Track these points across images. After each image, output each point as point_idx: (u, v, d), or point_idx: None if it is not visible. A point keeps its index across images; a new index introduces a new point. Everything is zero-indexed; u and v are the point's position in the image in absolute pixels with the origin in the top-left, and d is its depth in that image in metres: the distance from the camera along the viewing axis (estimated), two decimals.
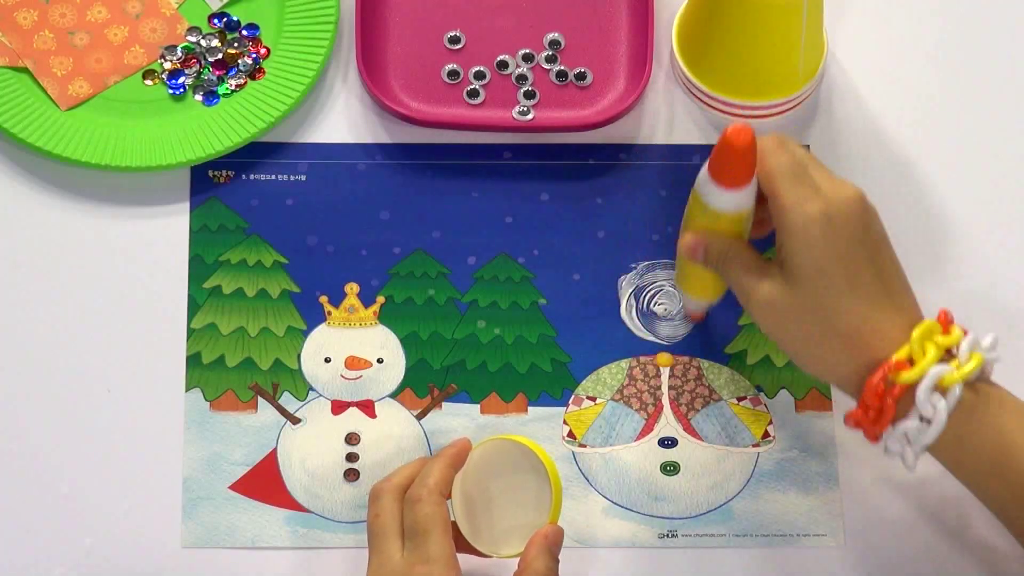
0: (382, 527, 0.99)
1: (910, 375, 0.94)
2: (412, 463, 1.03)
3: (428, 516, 0.97)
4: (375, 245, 1.14)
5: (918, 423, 0.95)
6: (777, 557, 1.06)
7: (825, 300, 0.96)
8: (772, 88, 1.16)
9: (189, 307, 1.12)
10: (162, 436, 1.08)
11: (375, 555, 0.98)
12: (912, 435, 0.96)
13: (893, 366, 0.95)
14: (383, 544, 0.98)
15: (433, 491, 0.99)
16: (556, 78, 1.18)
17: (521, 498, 1.00)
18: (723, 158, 0.96)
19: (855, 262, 0.96)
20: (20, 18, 1.18)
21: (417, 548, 0.97)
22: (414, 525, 0.98)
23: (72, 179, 1.14)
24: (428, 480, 0.99)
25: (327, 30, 1.17)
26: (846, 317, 0.96)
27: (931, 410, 0.95)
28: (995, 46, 1.21)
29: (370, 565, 0.98)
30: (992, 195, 1.17)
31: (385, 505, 1.00)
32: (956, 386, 0.94)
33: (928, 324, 0.96)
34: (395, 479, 1.01)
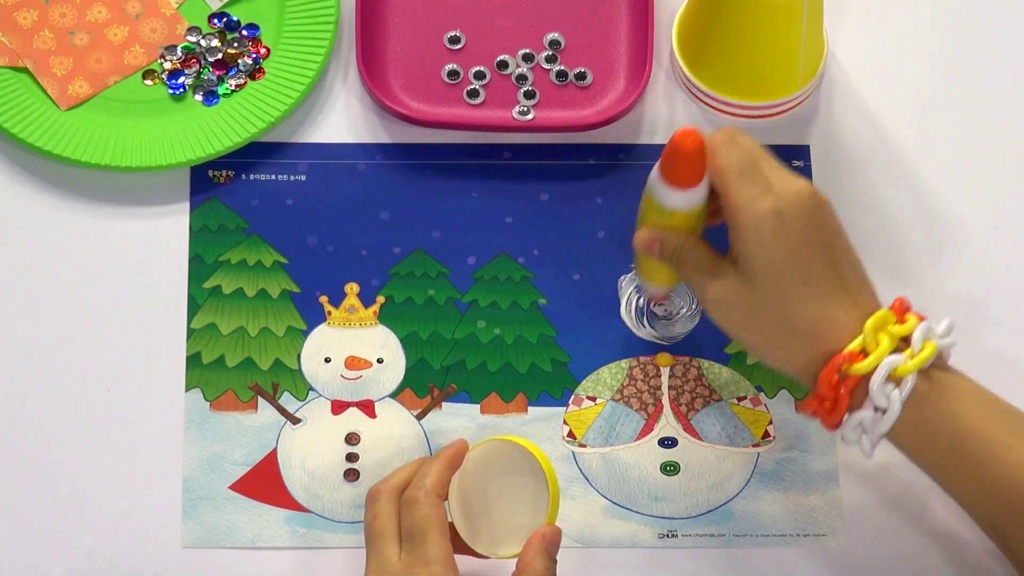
0: (380, 529, 0.99)
1: (863, 366, 0.95)
2: (409, 464, 1.03)
3: (426, 517, 0.97)
4: (375, 245, 1.14)
5: (873, 413, 0.96)
6: (777, 557, 1.06)
7: (779, 296, 0.97)
8: (772, 88, 1.16)
9: (189, 307, 1.12)
10: (162, 436, 1.08)
11: (373, 556, 0.98)
12: (867, 425, 0.97)
13: (846, 357, 0.96)
14: (381, 546, 0.98)
15: (430, 492, 0.99)
16: (556, 78, 1.18)
17: (519, 499, 1.00)
18: (672, 161, 0.97)
19: (807, 257, 0.97)
20: (20, 18, 1.18)
21: (415, 549, 0.97)
22: (412, 527, 0.98)
23: (72, 179, 1.14)
24: (425, 481, 0.99)
25: (327, 30, 1.17)
26: (800, 311, 0.97)
27: (885, 400, 0.96)
28: (995, 46, 1.21)
29: (368, 566, 0.98)
30: (992, 195, 1.17)
31: (383, 507, 0.99)
32: (910, 376, 0.96)
33: (882, 314, 0.97)
34: (392, 480, 1.01)
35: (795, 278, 0.97)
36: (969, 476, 0.97)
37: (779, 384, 1.11)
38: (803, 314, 0.97)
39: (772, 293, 0.97)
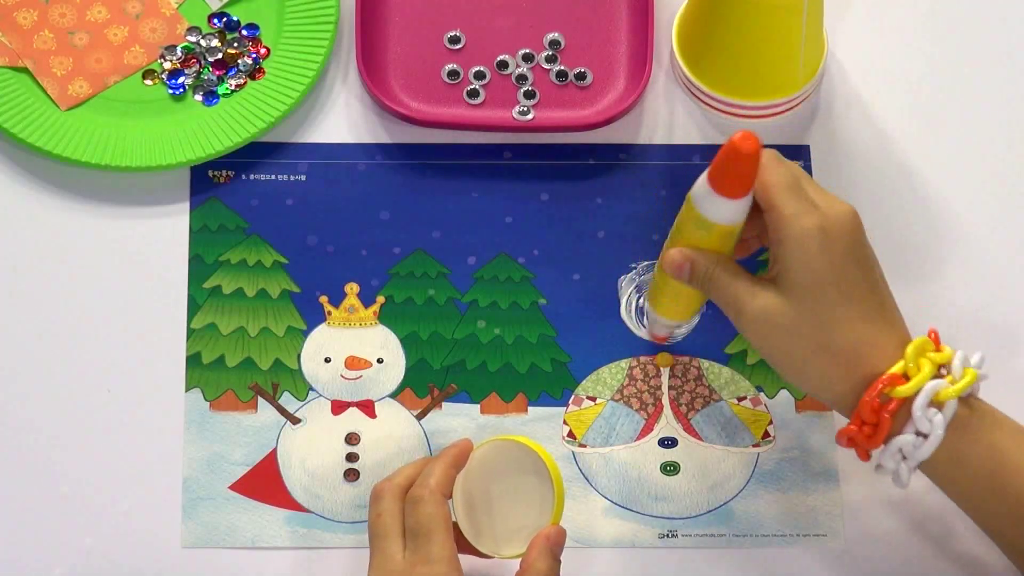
0: (384, 527, 0.99)
1: (906, 388, 0.94)
2: (413, 463, 1.03)
3: (430, 516, 0.97)
4: (375, 245, 1.14)
5: (914, 438, 0.95)
6: (777, 557, 1.06)
7: (821, 313, 0.95)
8: (772, 88, 1.16)
9: (189, 307, 1.12)
10: (162, 436, 1.08)
11: (377, 555, 0.98)
12: (908, 450, 0.96)
13: (889, 380, 0.95)
14: (384, 544, 0.98)
15: (435, 491, 0.98)
16: (556, 78, 1.18)
17: (523, 499, 1.00)
18: (728, 164, 0.94)
19: (851, 276, 0.96)
20: (20, 18, 1.18)
21: (419, 548, 0.97)
22: (416, 526, 0.97)
23: (72, 179, 1.14)
24: (429, 480, 0.99)
25: (327, 30, 1.17)
26: (842, 331, 0.96)
27: (928, 424, 0.94)
28: (995, 46, 1.21)
29: (371, 565, 0.98)
30: (992, 195, 1.17)
31: (386, 505, 0.99)
32: (952, 401, 0.95)
33: (922, 340, 0.96)
34: (396, 479, 1.01)
35: (838, 296, 0.96)
36: (1006, 508, 0.96)
37: (779, 384, 1.11)
38: (844, 334, 0.96)
39: (814, 310, 0.96)
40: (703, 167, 1.09)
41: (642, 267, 1.14)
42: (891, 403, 0.95)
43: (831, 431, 1.09)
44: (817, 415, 1.10)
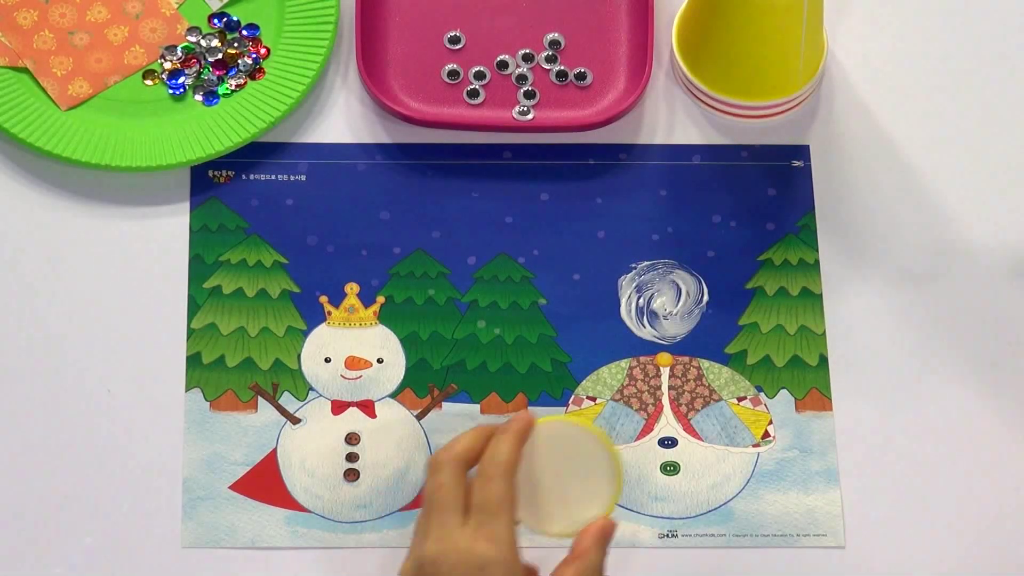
0: (444, 499, 0.95)
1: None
2: (470, 433, 0.99)
3: (501, 496, 0.95)
4: (375, 245, 1.14)
5: None
6: (777, 557, 1.06)
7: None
8: (772, 88, 1.16)
9: (189, 307, 1.12)
10: (162, 436, 1.08)
11: (435, 526, 0.95)
12: None
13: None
14: (444, 516, 0.95)
15: (508, 471, 0.96)
16: (556, 78, 1.18)
17: (577, 481, 0.99)
18: None
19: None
20: (20, 18, 1.18)
21: (483, 525, 0.94)
22: (485, 502, 0.95)
23: (72, 179, 1.14)
24: (501, 458, 0.96)
25: (327, 30, 1.17)
26: None
27: None
28: (995, 46, 1.21)
29: (428, 535, 0.95)
30: (993, 194, 1.17)
31: (448, 477, 0.96)
32: None
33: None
34: (456, 449, 0.98)
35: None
36: None
37: (779, 384, 1.11)
38: None
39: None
40: (703, 167, 1.09)
41: (642, 267, 1.14)
42: None
43: (831, 431, 1.09)
44: (817, 415, 1.10)
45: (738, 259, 1.14)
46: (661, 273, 1.13)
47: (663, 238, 1.14)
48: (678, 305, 1.13)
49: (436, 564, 0.93)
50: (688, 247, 1.14)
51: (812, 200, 1.16)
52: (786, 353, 1.12)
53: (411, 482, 1.08)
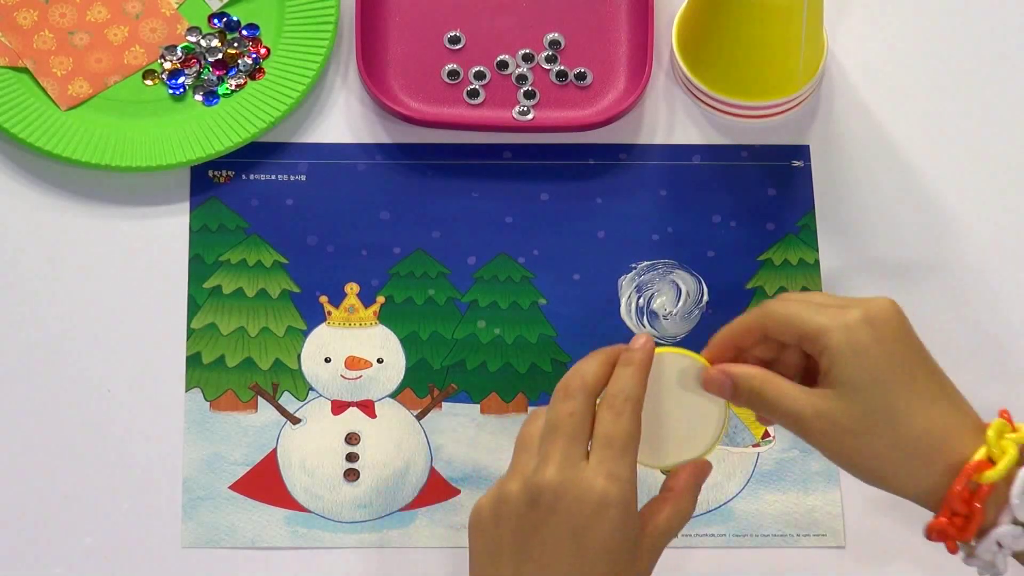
0: (575, 427, 0.91)
1: (995, 473, 0.89)
2: (595, 360, 0.94)
3: (628, 433, 0.91)
4: (375, 245, 1.14)
5: (1012, 528, 0.89)
6: (777, 557, 1.06)
7: (887, 408, 0.90)
8: (772, 88, 1.16)
9: (189, 307, 1.12)
10: (162, 436, 1.08)
11: (560, 454, 0.90)
12: (1006, 541, 0.90)
13: (976, 467, 0.89)
14: (572, 447, 0.90)
15: (636, 406, 0.92)
16: (556, 78, 1.18)
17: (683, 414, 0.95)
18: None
19: (909, 363, 0.91)
20: (20, 18, 1.18)
21: (607, 460, 0.90)
22: (612, 436, 0.90)
23: (72, 179, 1.14)
24: (632, 392, 0.92)
25: (327, 30, 1.17)
26: (912, 421, 0.90)
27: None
28: (995, 45, 1.21)
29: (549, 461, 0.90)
30: (993, 194, 1.17)
31: (580, 405, 0.92)
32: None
33: (999, 422, 0.90)
34: (587, 378, 0.93)
35: (900, 386, 0.90)
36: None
37: None
38: (915, 424, 0.90)
39: (880, 407, 0.91)
40: (703, 167, 1.09)
41: (642, 267, 1.14)
42: (981, 490, 0.89)
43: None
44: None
45: (738, 259, 1.14)
46: (661, 273, 1.13)
47: (663, 238, 1.14)
48: (678, 305, 1.13)
49: (557, 495, 0.89)
50: (688, 247, 1.14)
51: (812, 200, 1.16)
52: None
53: (411, 482, 1.08)
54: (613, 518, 0.88)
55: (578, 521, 0.88)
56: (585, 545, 0.88)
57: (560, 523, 0.89)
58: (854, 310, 0.91)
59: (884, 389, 0.90)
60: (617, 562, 0.89)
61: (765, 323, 0.94)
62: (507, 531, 0.90)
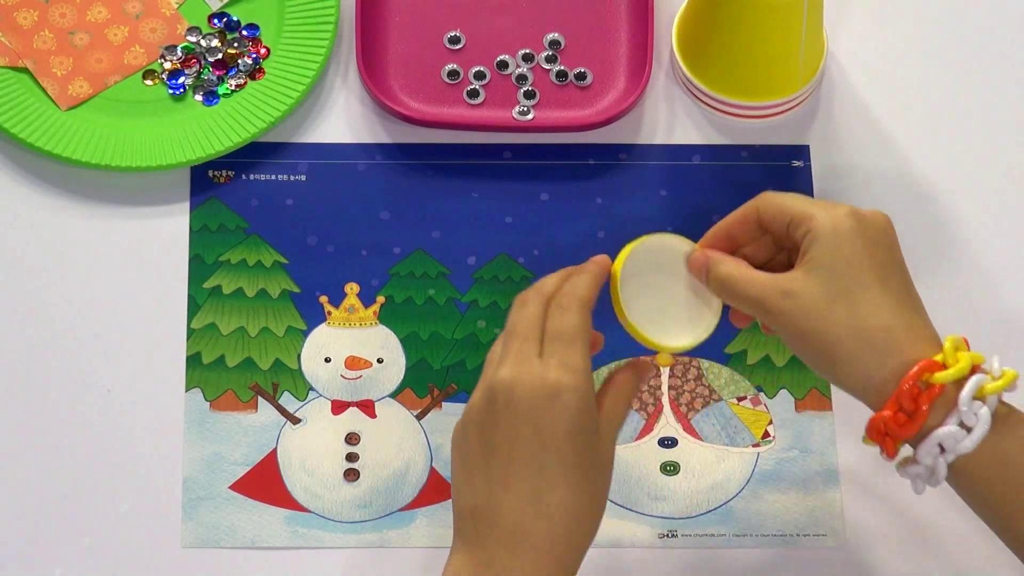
0: (527, 328, 0.94)
1: (948, 375, 0.90)
2: (555, 275, 0.98)
3: (576, 326, 0.93)
4: (375, 245, 1.14)
5: (957, 430, 0.91)
6: (777, 557, 1.06)
7: (855, 294, 0.92)
8: (772, 88, 1.16)
9: (189, 307, 1.12)
10: (162, 436, 1.08)
11: (513, 354, 0.93)
12: (948, 444, 0.91)
13: (929, 365, 0.91)
14: (524, 345, 0.93)
15: (583, 304, 0.95)
16: (556, 78, 1.18)
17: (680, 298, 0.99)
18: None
19: (886, 261, 0.94)
20: (20, 18, 1.18)
21: (558, 352, 0.93)
22: (560, 330, 0.93)
23: (72, 179, 1.14)
24: (579, 292, 0.95)
25: (327, 30, 1.17)
26: (876, 313, 0.92)
27: (973, 417, 0.90)
28: (995, 45, 1.21)
29: (504, 362, 0.93)
30: (993, 194, 1.17)
31: (532, 310, 0.95)
32: (993, 396, 0.91)
33: (955, 337, 0.92)
34: (543, 288, 0.97)
35: (872, 278, 0.93)
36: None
37: (779, 384, 1.11)
38: (879, 318, 0.92)
39: (845, 289, 0.92)
40: (703, 167, 1.09)
41: None
42: (930, 390, 0.91)
43: (831, 431, 1.09)
44: (817, 415, 1.10)
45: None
46: None
47: None
48: None
49: (510, 389, 0.92)
50: None
51: None
52: (786, 353, 1.12)
53: (411, 482, 1.08)
54: (568, 403, 0.91)
55: (535, 411, 0.91)
56: (544, 432, 0.91)
57: (518, 414, 0.91)
58: (845, 206, 0.94)
59: (854, 274, 0.93)
60: (578, 444, 0.91)
61: (758, 208, 0.97)
62: (474, 436, 0.93)
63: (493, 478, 0.91)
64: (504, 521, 0.90)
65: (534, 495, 0.90)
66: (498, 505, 0.91)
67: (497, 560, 0.90)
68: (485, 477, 0.91)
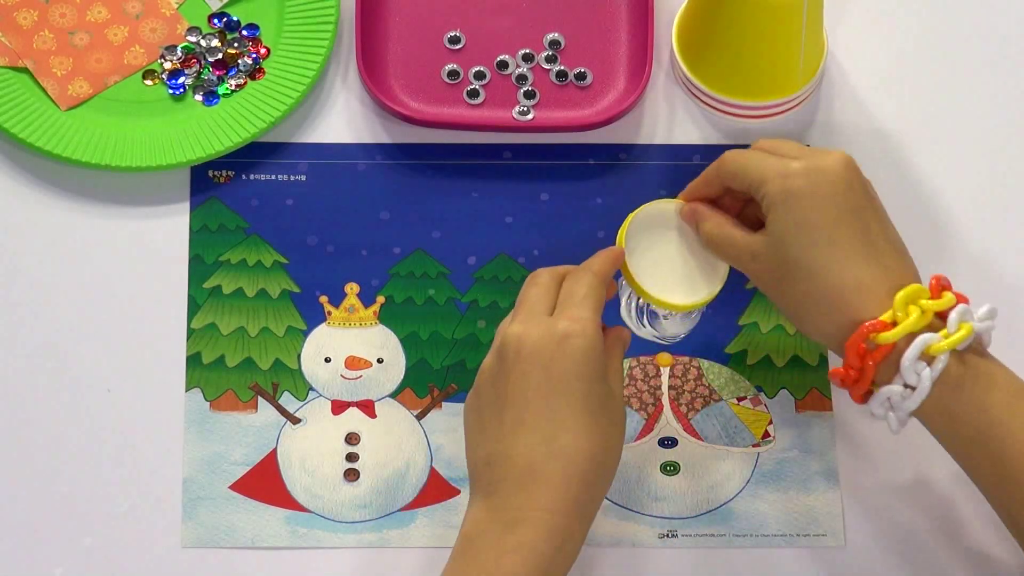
0: (538, 296, 0.99)
1: (890, 335, 0.94)
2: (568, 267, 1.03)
3: (587, 286, 0.98)
4: (375, 245, 1.14)
5: (901, 389, 0.95)
6: (777, 557, 1.06)
7: (805, 254, 0.97)
8: (772, 88, 1.16)
9: (189, 307, 1.12)
10: (162, 436, 1.08)
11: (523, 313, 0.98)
12: (895, 401, 0.96)
13: (874, 326, 0.95)
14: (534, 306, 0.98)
15: (597, 275, 0.99)
16: (556, 78, 1.18)
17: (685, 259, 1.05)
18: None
19: (839, 219, 0.97)
20: (20, 18, 1.18)
21: (567, 308, 0.97)
22: (570, 292, 0.98)
23: (72, 179, 1.14)
24: (592, 266, 1.00)
25: (327, 30, 1.17)
26: (826, 272, 0.96)
27: (915, 378, 0.95)
28: (995, 45, 1.21)
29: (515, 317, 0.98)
30: (992, 194, 1.17)
31: (546, 281, 1.00)
32: (943, 355, 0.94)
33: (914, 287, 0.96)
34: (555, 269, 1.02)
35: (823, 239, 0.96)
36: (992, 469, 0.95)
37: (779, 384, 1.11)
38: (828, 276, 0.96)
39: (798, 257, 0.97)
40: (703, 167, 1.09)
41: None
42: (877, 350, 0.95)
43: (831, 431, 1.09)
44: (817, 415, 1.10)
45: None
46: None
47: None
48: None
49: (519, 339, 0.95)
50: None
51: None
52: (786, 353, 1.12)
53: (411, 482, 1.08)
54: (577, 345, 0.94)
55: (544, 355, 0.94)
56: (553, 375, 0.94)
57: (528, 361, 0.94)
58: (798, 161, 0.98)
59: (807, 240, 0.97)
60: (587, 389, 0.94)
61: (720, 174, 1.02)
62: (486, 394, 0.96)
63: (505, 425, 0.94)
64: (518, 463, 0.93)
65: (547, 438, 0.93)
66: (511, 449, 0.94)
67: (511, 502, 0.93)
68: (498, 424, 0.95)
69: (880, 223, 0.98)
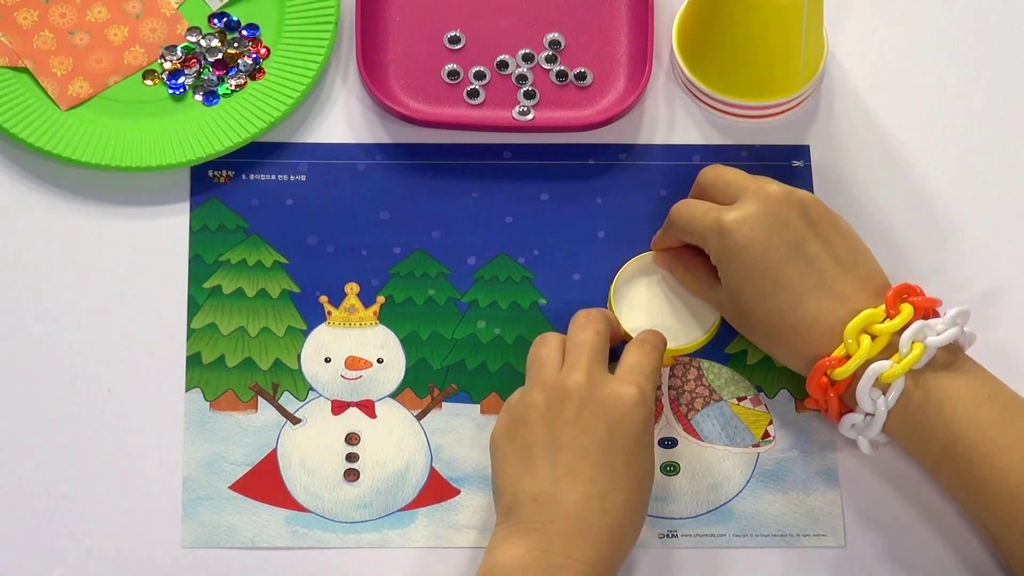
0: (599, 343, 1.03)
1: (842, 371, 0.99)
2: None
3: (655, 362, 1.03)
4: (375, 245, 1.14)
5: (862, 418, 1.00)
6: (777, 557, 1.06)
7: (758, 303, 1.01)
8: (772, 88, 1.16)
9: (189, 307, 1.12)
10: (162, 436, 1.08)
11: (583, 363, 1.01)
12: (859, 427, 1.01)
13: (830, 363, 0.99)
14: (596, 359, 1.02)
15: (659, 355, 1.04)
16: (556, 78, 1.19)
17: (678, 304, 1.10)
18: None
19: (779, 259, 1.00)
20: (20, 18, 1.18)
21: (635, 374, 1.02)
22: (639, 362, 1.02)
23: (72, 179, 1.14)
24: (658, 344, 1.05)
25: (327, 30, 1.17)
26: (780, 317, 1.01)
27: (872, 406, 0.99)
28: (995, 46, 1.21)
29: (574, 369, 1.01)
30: (993, 195, 1.17)
31: (603, 326, 1.04)
32: (897, 381, 0.98)
33: (864, 315, 0.99)
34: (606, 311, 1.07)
35: (767, 285, 1.01)
36: (960, 481, 0.99)
37: (779, 384, 1.11)
38: (785, 320, 1.01)
39: (752, 303, 1.02)
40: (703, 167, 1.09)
41: None
42: (838, 384, 1.00)
43: (831, 431, 1.09)
44: (817, 415, 1.10)
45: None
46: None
47: None
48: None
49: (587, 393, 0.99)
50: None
51: None
52: None
53: (411, 482, 1.08)
54: (642, 415, 1.00)
55: (612, 415, 0.99)
56: (617, 435, 0.98)
57: (594, 415, 0.99)
58: (732, 212, 1.02)
59: (755, 291, 1.01)
60: (641, 454, 0.99)
61: (672, 232, 1.07)
62: (539, 429, 0.99)
63: (558, 468, 0.97)
64: (570, 512, 0.96)
65: (602, 493, 0.97)
66: (563, 494, 0.97)
67: (558, 547, 0.96)
68: (550, 466, 0.98)
69: (826, 245, 1.02)
